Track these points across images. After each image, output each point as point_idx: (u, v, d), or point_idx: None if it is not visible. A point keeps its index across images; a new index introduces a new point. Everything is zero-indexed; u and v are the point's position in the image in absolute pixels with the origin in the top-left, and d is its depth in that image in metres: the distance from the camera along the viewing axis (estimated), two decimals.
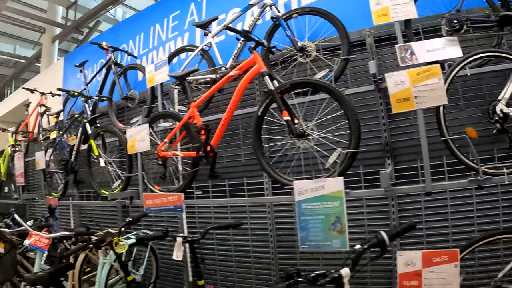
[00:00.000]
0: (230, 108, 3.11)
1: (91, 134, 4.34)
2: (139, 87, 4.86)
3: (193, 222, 4.27)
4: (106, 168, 4.22)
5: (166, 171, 3.70)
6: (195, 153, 3.29)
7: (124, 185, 4.01)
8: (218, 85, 3.29)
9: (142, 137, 3.66)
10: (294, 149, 2.91)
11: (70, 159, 4.79)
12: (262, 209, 3.73)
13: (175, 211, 3.29)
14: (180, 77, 3.55)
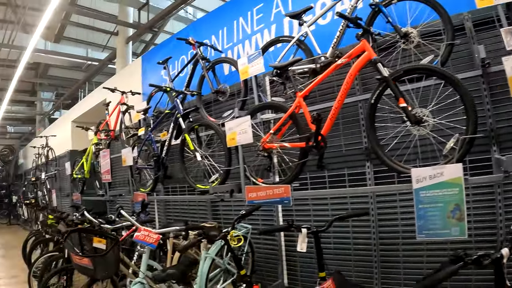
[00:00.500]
0: (340, 97, 2.99)
1: (185, 128, 4.27)
2: (227, 81, 4.81)
3: (289, 215, 4.16)
4: (202, 162, 4.11)
5: (271, 163, 3.58)
6: (304, 144, 3.16)
7: (223, 179, 3.90)
8: (325, 74, 3.16)
9: (243, 130, 3.55)
10: (409, 136, 2.80)
11: (161, 155, 4.76)
12: (364, 200, 3.58)
13: (281, 203, 3.20)
14: (283, 67, 3.46)
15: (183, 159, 4.47)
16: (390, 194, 3.39)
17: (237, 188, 3.77)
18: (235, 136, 3.63)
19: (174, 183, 5.64)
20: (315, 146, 3.09)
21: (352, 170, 3.62)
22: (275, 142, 3.54)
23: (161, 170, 4.82)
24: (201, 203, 5.42)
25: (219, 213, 5.16)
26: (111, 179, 6.14)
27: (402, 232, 3.31)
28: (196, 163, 4.29)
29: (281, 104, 3.60)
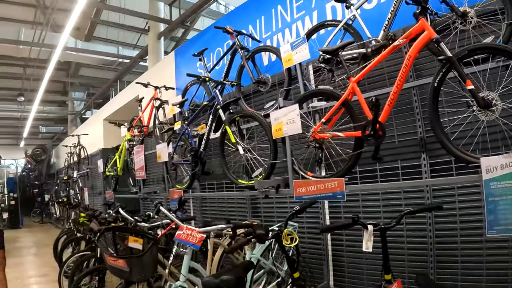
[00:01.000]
0: (399, 81, 2.77)
1: (226, 120, 4.03)
2: (268, 72, 4.54)
3: (337, 212, 3.93)
4: (244, 156, 3.87)
5: (322, 155, 3.35)
6: (359, 133, 2.94)
7: (268, 173, 3.65)
8: (382, 57, 2.94)
9: (291, 119, 3.32)
10: (475, 123, 2.62)
11: (199, 149, 4.54)
12: (420, 194, 3.31)
13: (334, 198, 2.98)
14: (334, 51, 3.22)
15: (223, 153, 4.23)
16: (448, 188, 3.13)
17: (283, 183, 3.55)
18: (282, 126, 3.40)
19: (212, 179, 5.45)
20: (372, 135, 2.87)
21: (405, 162, 3.36)
22: (326, 132, 3.28)
23: (199, 166, 4.58)
24: (240, 200, 5.22)
25: (259, 211, 4.93)
26: (145, 176, 5.95)
27: (461, 229, 3.06)
28: (238, 157, 4.05)
29: (333, 91, 3.36)
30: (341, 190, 2.91)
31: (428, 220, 3.23)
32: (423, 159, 3.26)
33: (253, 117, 3.89)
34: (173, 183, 5.36)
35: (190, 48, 6.80)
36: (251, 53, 4.60)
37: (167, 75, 7.34)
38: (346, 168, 3.16)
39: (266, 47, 4.54)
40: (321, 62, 3.53)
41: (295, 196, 3.23)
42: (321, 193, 3.03)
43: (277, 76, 4.36)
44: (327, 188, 3.00)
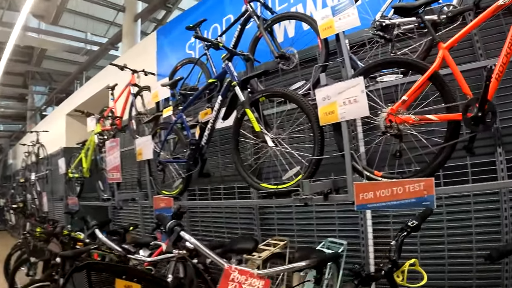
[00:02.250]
0: (509, 49, 2.09)
1: (246, 101, 2.92)
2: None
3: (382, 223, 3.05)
4: (273, 151, 2.78)
5: (400, 147, 2.36)
6: (459, 115, 2.18)
7: (310, 173, 2.62)
8: (481, 19, 2.21)
9: (353, 98, 2.36)
10: None
11: (200, 142, 3.40)
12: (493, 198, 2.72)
13: (419, 206, 2.12)
14: (415, 8, 2.38)
15: (237, 147, 3.14)
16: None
17: (333, 185, 2.64)
18: (336, 108, 2.44)
19: (212, 183, 4.39)
20: (479, 118, 2.10)
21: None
22: (407, 114, 2.33)
23: (199, 165, 3.45)
24: (243, 210, 4.20)
25: (272, 224, 3.93)
26: (121, 178, 4.69)
27: None
28: (262, 152, 2.95)
29: (417, 60, 2.43)
30: (429, 194, 2.09)
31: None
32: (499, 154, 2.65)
33: (287, 97, 2.79)
34: (158, 188, 4.18)
35: (177, 26, 5.71)
36: (271, 22, 3.57)
37: (146, 59, 6.21)
38: (436, 164, 2.30)
39: (293, 14, 3.54)
40: (378, 30, 2.91)
41: (357, 205, 2.31)
42: (399, 199, 2.18)
43: (303, 53, 3.57)
44: (409, 191, 2.15)
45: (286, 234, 3.61)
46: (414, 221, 1.93)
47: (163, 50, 5.98)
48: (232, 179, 4.22)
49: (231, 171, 4.17)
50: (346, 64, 2.68)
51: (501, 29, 2.73)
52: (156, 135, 4.26)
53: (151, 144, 4.04)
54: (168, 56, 5.80)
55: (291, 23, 4.09)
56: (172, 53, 5.72)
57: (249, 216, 4.11)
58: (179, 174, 3.89)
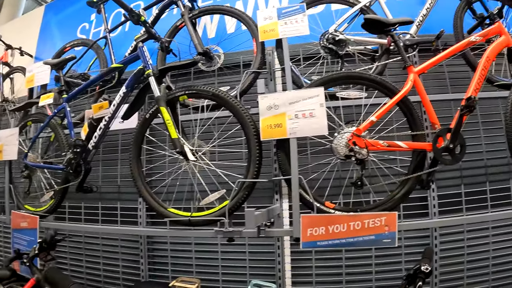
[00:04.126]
0: (477, 85, 2.11)
1: (162, 98, 2.24)
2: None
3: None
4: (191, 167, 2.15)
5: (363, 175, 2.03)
6: (429, 145, 2.07)
7: (240, 200, 2.07)
8: (452, 52, 2.23)
9: (308, 111, 2.00)
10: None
11: (87, 145, 2.60)
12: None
13: (378, 244, 1.93)
14: (389, 25, 2.21)
15: (139, 157, 2.41)
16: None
17: (266, 216, 2.13)
18: (284, 121, 1.99)
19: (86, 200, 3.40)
20: (449, 150, 2.00)
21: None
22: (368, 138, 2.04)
23: (81, 175, 2.62)
24: (128, 238, 3.34)
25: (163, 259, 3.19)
26: None
27: None
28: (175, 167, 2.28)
29: (387, 81, 2.16)
30: (391, 231, 1.91)
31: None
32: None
33: (219, 100, 2.19)
34: (19, 200, 3.15)
35: (72, 4, 4.75)
36: (198, 13, 3.05)
37: (26, 38, 5.06)
38: (400, 196, 2.11)
39: (229, 9, 2.98)
40: (330, 43, 2.70)
41: (303, 242, 1.91)
42: (356, 236, 1.92)
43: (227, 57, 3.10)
44: (368, 227, 1.91)
45: (182, 274, 2.94)
46: (427, 266, 1.72)
47: (49, 30, 4.93)
48: (115, 197, 3.38)
49: (113, 188, 3.37)
50: (287, 75, 2.25)
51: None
52: (24, 130, 3.26)
53: (17, 141, 3.08)
54: (54, 38, 4.79)
55: (213, 22, 3.56)
56: (60, 35, 4.74)
57: (134, 246, 3.28)
58: (50, 186, 2.97)
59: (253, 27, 2.73)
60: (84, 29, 4.46)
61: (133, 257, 3.25)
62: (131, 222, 3.18)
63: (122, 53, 3.44)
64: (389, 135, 2.09)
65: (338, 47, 2.65)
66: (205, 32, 3.53)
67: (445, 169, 2.50)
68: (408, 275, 1.71)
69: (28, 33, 5.11)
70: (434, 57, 2.18)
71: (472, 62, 2.58)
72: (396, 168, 2.23)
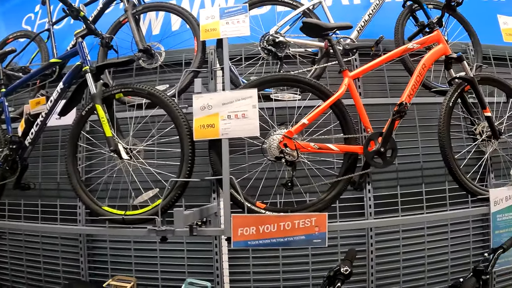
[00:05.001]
0: (411, 91, 2.23)
1: (98, 95, 2.20)
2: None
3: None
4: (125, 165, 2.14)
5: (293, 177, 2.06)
6: (360, 148, 2.13)
7: (173, 199, 2.07)
8: (388, 57, 2.32)
9: (241, 112, 2.02)
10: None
11: (23, 141, 2.53)
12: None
13: (308, 244, 2.00)
14: (327, 30, 2.27)
15: (75, 154, 2.36)
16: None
17: (197, 216, 2.15)
18: (217, 122, 2.02)
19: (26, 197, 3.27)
20: (380, 153, 2.09)
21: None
22: (303, 140, 2.11)
23: (17, 172, 2.55)
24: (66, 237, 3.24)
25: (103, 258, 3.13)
26: None
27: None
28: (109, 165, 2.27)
29: (320, 84, 2.22)
30: (321, 231, 1.96)
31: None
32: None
33: (154, 98, 2.18)
34: None
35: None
36: (142, 9, 2.99)
37: None
38: (330, 197, 2.17)
39: (172, 7, 2.95)
40: (269, 44, 2.73)
41: (234, 242, 1.96)
42: (287, 236, 1.96)
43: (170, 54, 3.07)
44: (298, 227, 1.96)
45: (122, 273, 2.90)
46: (347, 268, 1.75)
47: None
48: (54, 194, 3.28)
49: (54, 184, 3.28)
50: (226, 75, 2.24)
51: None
52: None
53: None
54: None
55: (158, 19, 3.53)
56: (5, 25, 4.54)
57: (74, 244, 3.19)
58: None
59: (195, 26, 2.73)
60: (30, 20, 4.30)
61: (73, 255, 3.17)
62: (71, 220, 3.10)
63: (65, 47, 3.34)
64: (323, 137, 2.17)
65: (278, 49, 2.68)
66: (149, 29, 3.48)
67: (382, 171, 2.63)
68: (328, 276, 1.75)
69: None
70: (372, 61, 2.26)
71: (410, 68, 2.67)
72: (327, 170, 2.29)
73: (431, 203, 2.80)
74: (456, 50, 2.93)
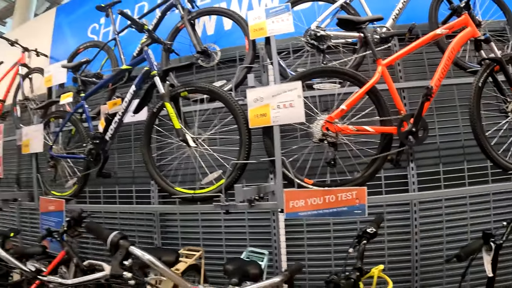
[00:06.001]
0: (442, 74, 2.38)
1: (166, 94, 2.60)
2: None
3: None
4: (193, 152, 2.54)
5: (335, 156, 2.37)
6: (394, 129, 2.34)
7: (234, 179, 2.45)
8: (418, 44, 2.49)
9: (288, 102, 2.29)
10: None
11: (104, 136, 2.97)
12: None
13: (350, 214, 2.20)
14: (360, 23, 2.50)
15: (149, 145, 2.80)
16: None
17: (255, 192, 2.43)
18: (268, 111, 2.32)
19: (104, 185, 3.81)
20: (412, 133, 2.28)
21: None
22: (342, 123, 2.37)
23: (100, 162, 3.00)
24: (142, 216, 3.74)
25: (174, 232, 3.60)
26: (2, 174, 3.88)
27: None
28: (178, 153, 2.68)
29: (356, 73, 2.47)
30: (361, 203, 2.17)
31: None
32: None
33: (213, 94, 2.56)
34: (47, 187, 3.57)
35: (82, 6, 5.06)
36: (196, 14, 3.35)
37: (39, 39, 5.33)
38: (369, 174, 2.41)
39: (223, 10, 3.34)
40: (312, 39, 2.95)
41: (286, 213, 2.25)
42: (332, 207, 2.21)
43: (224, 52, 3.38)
44: (341, 200, 2.20)
45: (191, 244, 3.30)
46: (372, 228, 1.92)
47: (61, 31, 5.25)
48: (129, 181, 3.78)
49: (129, 172, 3.76)
50: (275, 69, 2.55)
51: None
52: (47, 125, 3.64)
53: (42, 135, 3.44)
54: (67, 39, 5.10)
55: (212, 20, 3.86)
56: (72, 36, 5.04)
57: (148, 223, 3.68)
58: (74, 173, 3.36)
59: (245, 26, 3.01)
60: (95, 29, 4.77)
61: (148, 232, 3.65)
62: (144, 202, 3.58)
63: (129, 52, 3.77)
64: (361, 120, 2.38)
65: (320, 42, 2.91)
66: (204, 30, 3.82)
67: (424, 149, 2.82)
68: (358, 235, 1.95)
69: (42, 34, 5.39)
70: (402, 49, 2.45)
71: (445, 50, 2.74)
72: (366, 149, 2.50)
73: (473, 179, 2.85)
74: (495, 28, 3.02)
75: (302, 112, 2.23)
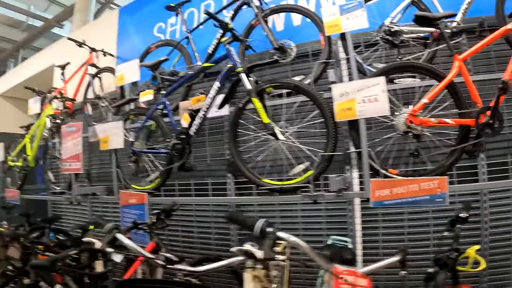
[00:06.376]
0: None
1: (253, 90, 2.77)
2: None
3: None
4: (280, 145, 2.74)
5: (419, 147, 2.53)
6: (472, 121, 2.43)
7: (321, 170, 2.60)
8: (492, 39, 2.48)
9: (373, 96, 2.42)
10: None
11: (188, 132, 3.17)
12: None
13: (432, 202, 2.32)
14: (436, 19, 2.58)
15: (235, 139, 3.00)
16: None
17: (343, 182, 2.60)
18: (354, 105, 2.46)
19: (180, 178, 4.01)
20: (489, 125, 2.36)
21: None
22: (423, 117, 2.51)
23: (184, 157, 3.20)
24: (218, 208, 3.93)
25: None
26: (82, 169, 4.14)
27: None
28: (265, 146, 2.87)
29: (435, 68, 2.58)
30: (442, 192, 2.28)
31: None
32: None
33: (300, 90, 2.72)
34: (126, 181, 3.82)
35: (145, 6, 5.31)
36: (269, 11, 3.51)
37: (103, 40, 5.63)
38: (449, 164, 2.52)
39: (296, 7, 3.49)
40: (387, 34, 3.04)
41: (373, 202, 2.39)
42: (414, 196, 2.33)
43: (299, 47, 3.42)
44: (423, 189, 2.31)
45: None
46: (465, 213, 2.09)
47: (125, 31, 5.52)
48: (205, 174, 3.99)
49: (204, 165, 3.97)
50: (352, 65, 2.69)
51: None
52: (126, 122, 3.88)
53: (122, 132, 3.65)
54: (132, 38, 5.38)
55: (281, 16, 4.00)
56: (137, 35, 5.30)
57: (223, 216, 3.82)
58: (155, 167, 3.59)
59: (319, 22, 3.11)
60: (161, 28, 5.00)
61: (223, 224, 3.82)
62: (219, 194, 3.77)
63: (200, 48, 3.98)
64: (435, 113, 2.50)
65: (394, 37, 3.01)
66: (274, 26, 3.96)
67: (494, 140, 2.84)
68: (451, 220, 2.12)
69: (105, 35, 5.71)
70: (477, 44, 2.50)
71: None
72: (446, 141, 2.60)
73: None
74: None
75: (387, 106, 2.35)
